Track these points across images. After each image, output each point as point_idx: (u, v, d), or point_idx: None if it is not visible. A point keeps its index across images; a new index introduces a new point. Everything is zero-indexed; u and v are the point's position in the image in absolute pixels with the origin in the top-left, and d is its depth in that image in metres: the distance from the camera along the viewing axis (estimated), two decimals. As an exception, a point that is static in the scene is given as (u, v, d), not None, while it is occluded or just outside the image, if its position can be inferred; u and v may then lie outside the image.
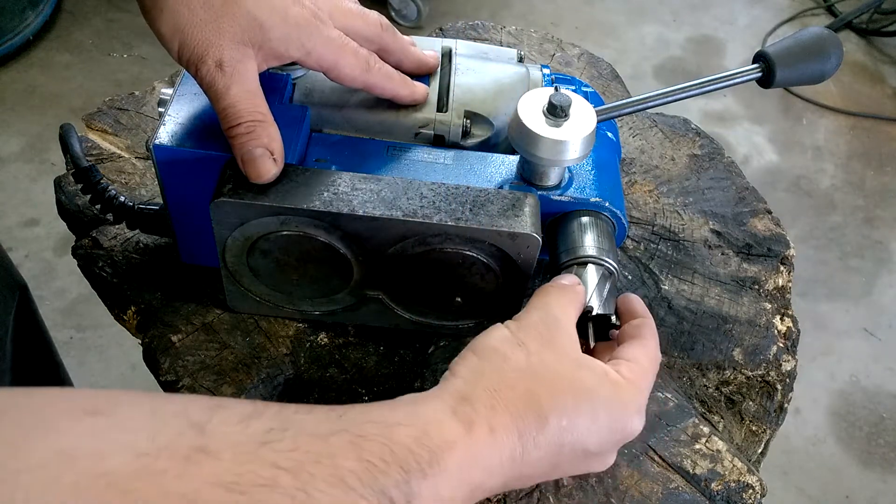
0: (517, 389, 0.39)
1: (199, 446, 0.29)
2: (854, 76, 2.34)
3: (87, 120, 0.73)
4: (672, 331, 0.63)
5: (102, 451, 0.28)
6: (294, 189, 0.49)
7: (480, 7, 2.42)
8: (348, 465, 0.32)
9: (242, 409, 0.33)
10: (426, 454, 0.34)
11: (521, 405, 0.39)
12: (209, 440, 0.30)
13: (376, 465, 0.32)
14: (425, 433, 0.35)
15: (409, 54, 0.57)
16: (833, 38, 0.57)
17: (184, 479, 0.28)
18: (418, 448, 0.34)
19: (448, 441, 0.35)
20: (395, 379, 0.57)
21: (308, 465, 0.31)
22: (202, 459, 0.29)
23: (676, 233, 0.69)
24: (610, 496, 0.53)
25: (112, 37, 2.17)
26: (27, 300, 0.74)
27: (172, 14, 0.46)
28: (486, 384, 0.39)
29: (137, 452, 0.28)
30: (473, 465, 0.36)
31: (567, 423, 0.40)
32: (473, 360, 0.42)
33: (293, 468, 0.30)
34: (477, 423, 0.37)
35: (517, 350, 0.42)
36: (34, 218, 1.74)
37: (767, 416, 0.59)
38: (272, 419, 0.33)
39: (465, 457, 0.36)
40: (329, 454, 0.32)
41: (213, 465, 0.29)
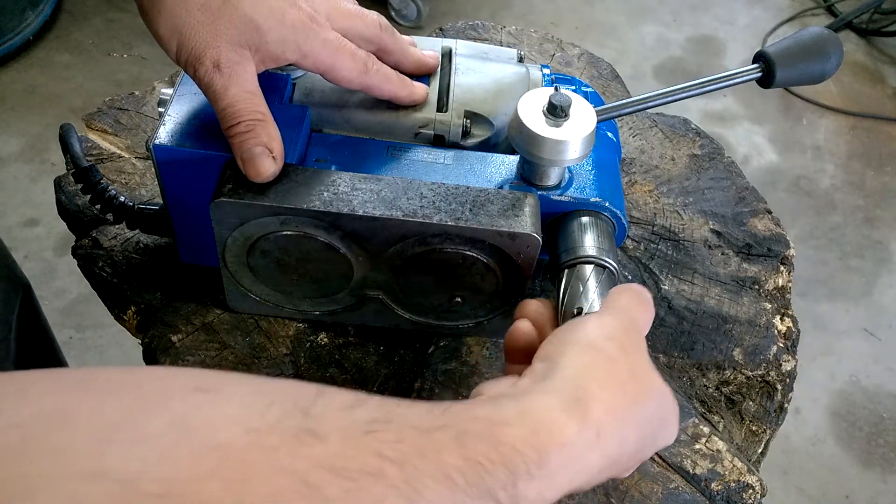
0: (625, 393, 0.38)
1: (308, 428, 0.29)
2: (854, 76, 2.34)
3: (87, 120, 0.73)
4: (672, 331, 0.63)
5: (215, 424, 0.28)
6: (294, 189, 0.49)
7: (480, 7, 2.42)
8: (453, 462, 0.31)
9: (345, 397, 0.32)
10: (534, 455, 0.33)
11: (627, 409, 0.38)
12: (317, 423, 0.29)
13: (482, 465, 0.31)
14: (535, 433, 0.34)
15: (409, 55, 0.57)
16: (833, 38, 0.57)
17: (295, 457, 0.28)
18: (526, 448, 0.33)
19: (558, 441, 0.34)
20: (395, 379, 0.57)
21: (413, 458, 0.30)
22: (311, 441, 0.28)
23: (676, 233, 0.69)
24: (610, 496, 0.53)
25: (112, 37, 2.17)
26: (30, 299, 0.75)
27: (170, 16, 0.46)
28: (599, 385, 0.38)
29: (249, 428, 0.28)
30: (577, 467, 0.35)
31: (649, 430, 0.39)
32: (578, 354, 0.40)
33: (399, 460, 0.29)
34: (587, 426, 0.36)
35: (618, 351, 0.40)
36: (34, 218, 1.74)
37: (767, 416, 0.59)
38: (375, 409, 0.32)
39: (572, 458, 0.35)
40: (434, 449, 0.31)
41: (321, 447, 0.28)
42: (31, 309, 0.75)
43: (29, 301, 0.74)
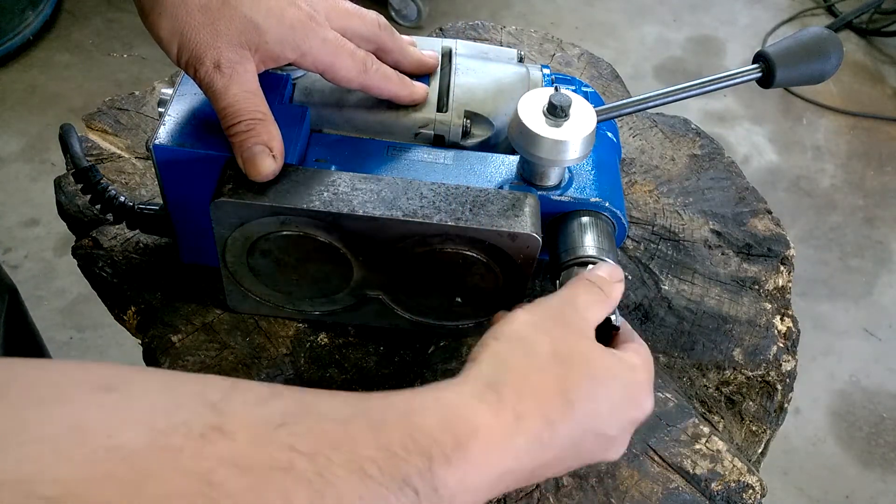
0: (544, 375, 0.39)
1: (215, 425, 0.29)
2: (854, 76, 2.34)
3: (87, 120, 0.73)
4: (672, 331, 0.63)
5: (116, 425, 0.27)
6: (294, 189, 0.49)
7: (480, 7, 2.42)
8: (367, 452, 0.31)
9: (260, 391, 0.32)
10: (450, 440, 0.33)
11: (548, 391, 0.38)
12: (225, 419, 0.29)
13: (397, 454, 0.31)
14: (448, 420, 0.34)
15: (408, 54, 0.57)
16: (833, 38, 0.57)
17: (198, 457, 0.28)
18: (442, 435, 0.33)
19: (473, 427, 0.35)
20: (395, 379, 0.57)
21: (326, 449, 0.30)
22: (217, 439, 0.28)
23: (676, 233, 0.69)
24: (610, 496, 0.53)
25: (112, 37, 2.17)
26: (17, 304, 0.74)
27: (170, 17, 0.47)
28: (512, 370, 0.39)
29: (151, 428, 0.28)
30: (499, 451, 0.35)
31: (592, 406, 0.40)
32: (497, 346, 0.41)
33: (310, 452, 0.30)
34: (503, 409, 0.36)
35: (542, 336, 0.41)
36: (34, 218, 1.74)
37: (767, 416, 0.59)
38: (290, 402, 0.32)
39: (491, 443, 0.35)
40: (348, 440, 0.31)
41: (228, 444, 0.28)
42: (18, 314, 0.75)
43: (16, 306, 0.74)
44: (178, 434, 0.28)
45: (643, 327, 0.63)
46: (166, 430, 0.28)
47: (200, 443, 0.28)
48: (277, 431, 0.30)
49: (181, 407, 0.29)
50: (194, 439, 0.28)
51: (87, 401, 0.28)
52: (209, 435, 0.28)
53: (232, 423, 0.29)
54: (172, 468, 0.27)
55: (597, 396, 0.40)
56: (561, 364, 0.40)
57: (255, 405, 0.31)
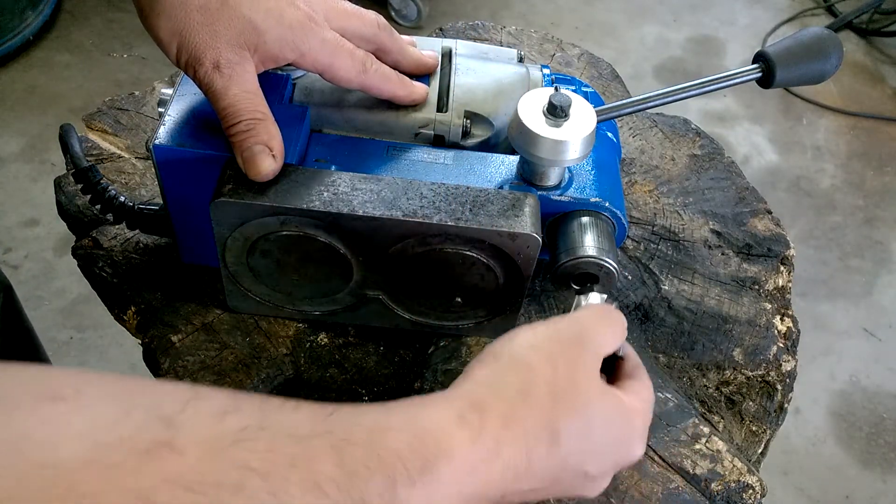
0: (537, 407, 0.37)
1: (164, 440, 0.28)
2: (854, 76, 2.34)
3: (87, 120, 0.73)
4: (672, 331, 0.63)
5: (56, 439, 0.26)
6: (294, 189, 0.49)
7: (480, 7, 2.42)
8: (326, 470, 0.30)
9: (219, 403, 0.31)
10: (418, 461, 0.32)
11: (537, 423, 0.37)
12: (176, 434, 0.28)
13: (357, 472, 0.30)
14: (420, 440, 0.33)
15: (407, 54, 0.57)
16: (833, 38, 0.57)
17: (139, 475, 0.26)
18: (410, 454, 0.32)
19: (445, 449, 0.33)
20: (395, 379, 0.57)
21: (282, 467, 0.29)
22: (164, 455, 0.27)
23: (676, 233, 0.69)
24: (610, 496, 0.53)
25: (112, 37, 2.17)
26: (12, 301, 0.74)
27: (169, 18, 0.47)
28: (503, 396, 0.37)
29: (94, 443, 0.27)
30: (471, 477, 0.34)
31: (577, 445, 0.38)
32: (495, 366, 0.39)
33: (265, 470, 0.28)
34: (483, 434, 0.35)
35: (544, 364, 0.39)
36: (34, 218, 1.74)
37: (767, 416, 0.59)
38: (250, 415, 0.31)
39: (463, 467, 0.34)
40: (306, 458, 0.30)
41: (175, 461, 0.27)
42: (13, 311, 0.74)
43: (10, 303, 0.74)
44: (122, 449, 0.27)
45: (643, 327, 0.63)
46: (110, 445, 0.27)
47: (144, 459, 0.27)
48: (232, 448, 0.29)
49: (130, 419, 0.28)
50: (138, 455, 0.27)
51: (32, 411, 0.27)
52: (154, 451, 0.27)
53: (182, 438, 0.28)
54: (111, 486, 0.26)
55: (585, 438, 0.39)
56: (555, 399, 0.38)
57: (212, 418, 0.30)
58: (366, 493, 0.30)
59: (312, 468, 0.30)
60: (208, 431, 0.29)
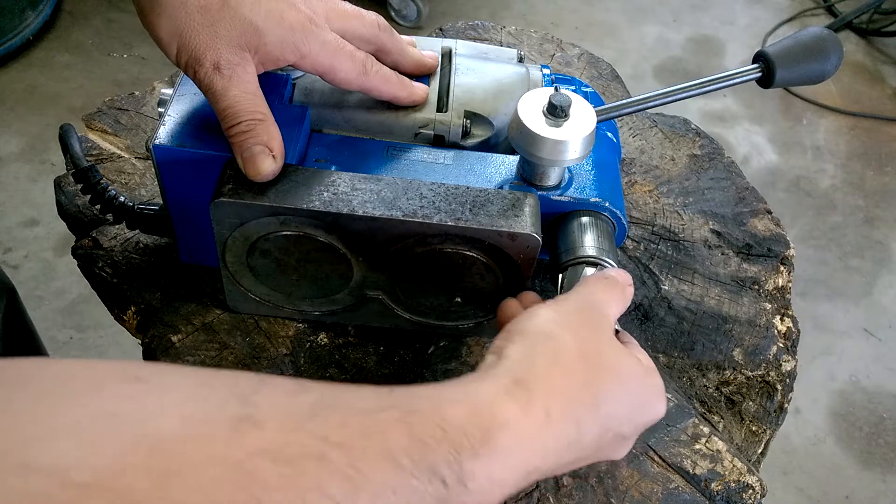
0: (573, 375, 0.39)
1: (246, 415, 0.29)
2: (854, 76, 2.34)
3: (87, 120, 0.73)
4: (672, 331, 0.63)
5: (147, 414, 0.27)
6: (294, 189, 0.49)
7: (480, 7, 2.42)
8: (399, 441, 0.31)
9: (288, 385, 0.32)
10: (478, 433, 0.33)
11: (577, 391, 0.38)
12: (256, 410, 0.29)
13: (427, 443, 0.31)
14: (477, 412, 0.34)
15: (408, 55, 0.57)
16: (833, 38, 0.57)
17: (231, 446, 0.28)
18: (470, 426, 0.33)
19: (501, 421, 0.34)
20: (395, 379, 0.57)
21: (358, 440, 0.30)
22: (248, 429, 0.28)
23: (676, 233, 0.69)
24: (610, 496, 0.53)
25: (112, 37, 2.17)
26: (15, 303, 0.74)
27: (170, 19, 0.47)
28: (541, 368, 0.38)
29: (183, 418, 0.28)
30: (528, 448, 0.35)
31: (615, 408, 0.40)
32: (523, 342, 0.40)
33: (343, 442, 0.29)
34: (533, 407, 0.36)
35: (567, 334, 0.41)
36: (34, 218, 1.74)
37: (767, 416, 0.59)
38: (319, 394, 0.32)
39: (519, 438, 0.35)
40: (379, 430, 0.31)
41: (259, 434, 0.28)
42: (16, 312, 0.74)
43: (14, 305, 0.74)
44: (210, 423, 0.28)
45: (643, 327, 0.63)
46: (198, 420, 0.28)
47: (233, 432, 0.28)
48: (309, 422, 0.30)
49: (212, 398, 0.29)
50: (226, 429, 0.28)
51: (118, 391, 0.28)
52: (241, 426, 0.28)
53: (263, 414, 0.29)
54: (206, 457, 0.27)
55: (621, 398, 0.40)
56: (588, 364, 0.40)
57: (286, 397, 0.31)
58: (435, 464, 0.31)
59: (385, 440, 0.31)
60: (284, 408, 0.30)
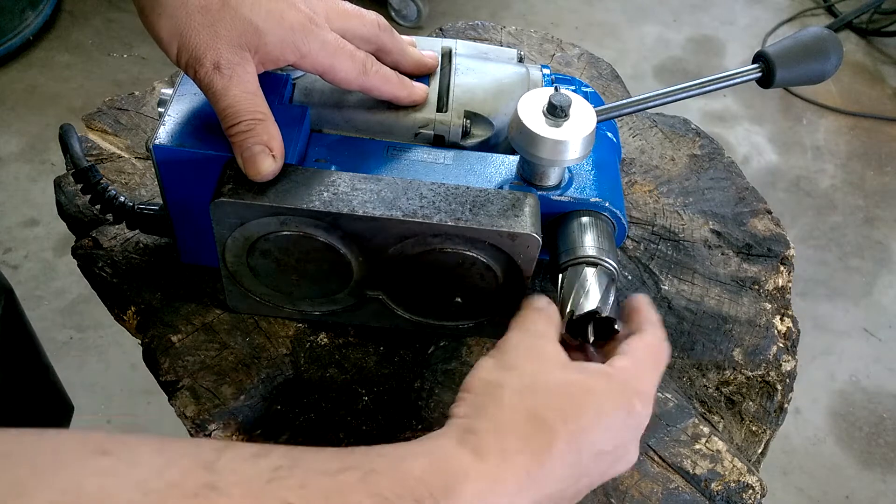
0: (519, 410, 0.39)
1: (208, 483, 0.29)
2: (854, 76, 2.34)
3: (87, 120, 0.73)
4: (672, 331, 0.63)
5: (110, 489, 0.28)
6: (294, 189, 0.49)
7: (480, 7, 2.42)
8: (360, 499, 0.31)
9: (250, 449, 0.33)
10: (440, 484, 0.34)
11: (527, 424, 0.38)
12: (218, 477, 0.30)
13: (389, 499, 0.32)
14: (437, 465, 0.35)
15: (408, 55, 0.57)
16: (833, 38, 0.57)
17: None
18: (432, 479, 0.34)
19: (460, 470, 0.35)
20: (395, 379, 0.57)
21: (318, 501, 0.30)
22: (211, 496, 0.29)
23: (676, 233, 0.69)
24: (610, 496, 0.53)
25: (112, 37, 2.17)
26: (13, 304, 0.74)
27: (170, 18, 0.47)
28: (486, 414, 0.39)
29: (146, 490, 0.28)
30: (491, 492, 0.35)
31: (575, 426, 0.39)
32: (469, 397, 0.41)
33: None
34: (486, 451, 0.36)
35: (508, 374, 0.41)
36: (34, 218, 1.74)
37: (767, 416, 0.59)
38: (281, 457, 0.32)
39: (481, 485, 0.35)
40: (339, 490, 0.31)
41: (222, 501, 0.29)
42: (14, 314, 0.74)
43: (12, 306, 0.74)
44: (174, 494, 0.28)
45: (643, 327, 0.63)
46: (161, 491, 0.28)
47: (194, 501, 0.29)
48: (270, 485, 0.30)
49: (174, 467, 0.30)
50: (188, 498, 0.29)
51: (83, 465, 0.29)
52: (202, 493, 0.29)
53: (224, 480, 0.30)
54: None
55: (579, 416, 0.40)
56: (533, 395, 0.40)
57: (247, 461, 0.32)
58: None
59: (346, 500, 0.31)
60: (246, 473, 0.31)
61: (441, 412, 0.55)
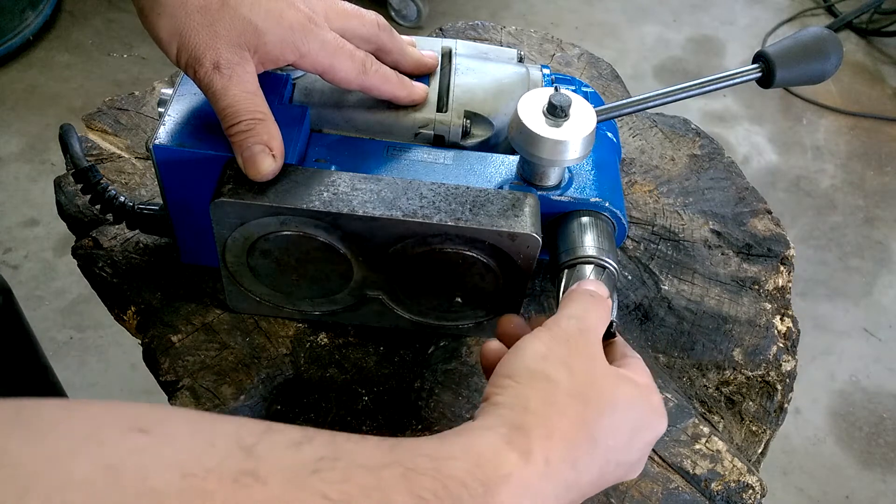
0: (568, 415, 0.38)
1: (248, 470, 0.29)
2: (854, 76, 2.33)
3: (87, 120, 0.73)
4: (672, 331, 0.63)
5: (148, 468, 0.27)
6: (294, 189, 0.49)
7: (480, 7, 2.42)
8: (400, 499, 0.31)
9: (293, 435, 0.32)
10: (480, 488, 0.33)
11: (574, 432, 0.38)
12: (258, 464, 0.29)
13: (427, 500, 0.31)
14: (479, 466, 0.34)
15: (407, 54, 0.57)
16: (833, 38, 0.57)
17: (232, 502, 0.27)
18: (472, 482, 0.33)
19: (503, 474, 0.34)
20: (395, 379, 0.57)
21: (359, 498, 0.30)
22: (251, 483, 0.28)
23: (676, 233, 0.69)
24: (610, 496, 0.53)
25: (112, 37, 2.17)
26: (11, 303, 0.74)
27: (170, 18, 0.47)
28: (536, 412, 0.38)
29: (184, 472, 0.27)
30: (529, 496, 0.35)
31: (614, 441, 0.39)
32: (515, 386, 0.40)
33: (342, 501, 0.29)
34: (534, 455, 0.36)
35: (559, 370, 0.40)
36: (34, 218, 1.74)
37: (767, 416, 0.59)
38: (324, 447, 0.32)
39: (521, 488, 0.35)
40: (380, 488, 0.31)
41: (261, 490, 0.28)
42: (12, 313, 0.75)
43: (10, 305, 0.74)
44: (212, 478, 0.28)
45: (643, 327, 0.63)
46: (199, 474, 0.28)
47: (233, 488, 0.28)
48: (311, 478, 0.30)
49: (214, 450, 0.29)
50: (227, 484, 0.28)
51: (120, 442, 0.28)
52: (242, 479, 0.28)
53: (265, 468, 0.29)
54: None
55: (618, 429, 0.40)
56: (582, 400, 0.39)
57: (289, 449, 0.31)
58: None
59: (387, 497, 0.31)
60: (287, 461, 0.30)
61: (441, 412, 0.55)
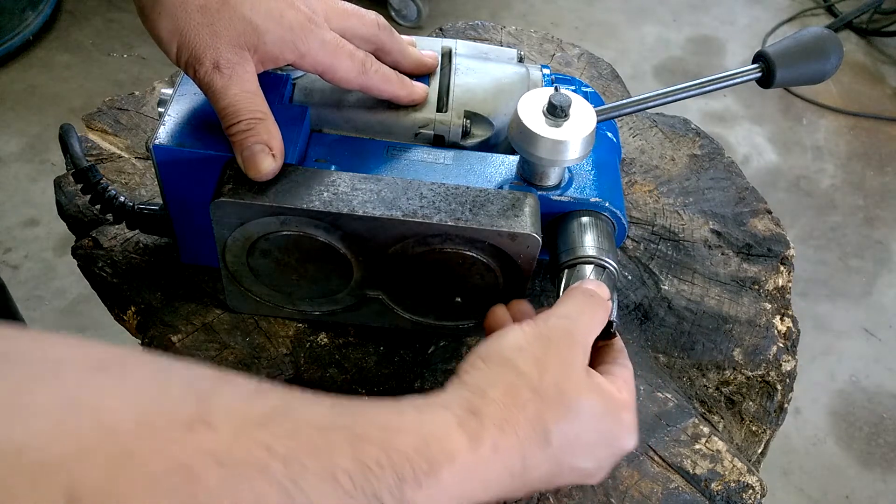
0: (527, 411, 0.39)
1: (200, 416, 0.29)
2: (854, 76, 2.33)
3: (87, 120, 0.73)
4: (672, 331, 0.63)
5: (107, 406, 0.28)
6: (294, 189, 0.49)
7: (480, 7, 2.42)
8: (343, 463, 0.31)
9: (247, 387, 0.33)
10: (424, 465, 0.34)
11: (529, 427, 0.38)
12: (210, 411, 0.30)
13: (370, 468, 0.32)
14: (427, 444, 0.35)
15: (407, 54, 0.57)
16: (833, 38, 0.57)
17: (182, 445, 0.28)
18: (417, 457, 0.34)
19: (449, 454, 0.35)
20: (395, 379, 0.57)
21: (302, 455, 0.30)
22: (201, 430, 0.29)
23: (676, 233, 0.69)
24: (610, 496, 0.53)
25: (112, 37, 2.17)
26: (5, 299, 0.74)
27: (170, 18, 0.47)
28: (495, 400, 0.38)
29: (141, 411, 0.28)
30: (472, 479, 0.36)
31: (568, 444, 0.40)
32: (484, 370, 0.40)
33: (287, 456, 0.30)
34: (482, 440, 0.36)
35: (531, 365, 0.40)
36: (34, 218, 1.74)
37: (767, 416, 0.59)
38: (274, 402, 0.32)
39: (464, 470, 0.35)
40: (326, 448, 0.31)
41: (211, 437, 0.29)
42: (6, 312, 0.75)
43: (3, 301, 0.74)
44: (165, 420, 0.29)
45: (643, 327, 0.63)
46: (153, 415, 0.29)
47: (185, 432, 0.29)
48: (259, 430, 0.30)
49: (170, 393, 0.30)
50: (179, 427, 0.29)
51: (81, 379, 0.29)
52: (194, 424, 0.29)
53: (216, 416, 0.30)
54: (157, 452, 0.27)
55: (578, 436, 0.40)
56: (545, 401, 0.39)
57: (241, 401, 0.32)
58: (378, 490, 0.32)
59: (331, 459, 0.31)
60: (238, 412, 0.31)
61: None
